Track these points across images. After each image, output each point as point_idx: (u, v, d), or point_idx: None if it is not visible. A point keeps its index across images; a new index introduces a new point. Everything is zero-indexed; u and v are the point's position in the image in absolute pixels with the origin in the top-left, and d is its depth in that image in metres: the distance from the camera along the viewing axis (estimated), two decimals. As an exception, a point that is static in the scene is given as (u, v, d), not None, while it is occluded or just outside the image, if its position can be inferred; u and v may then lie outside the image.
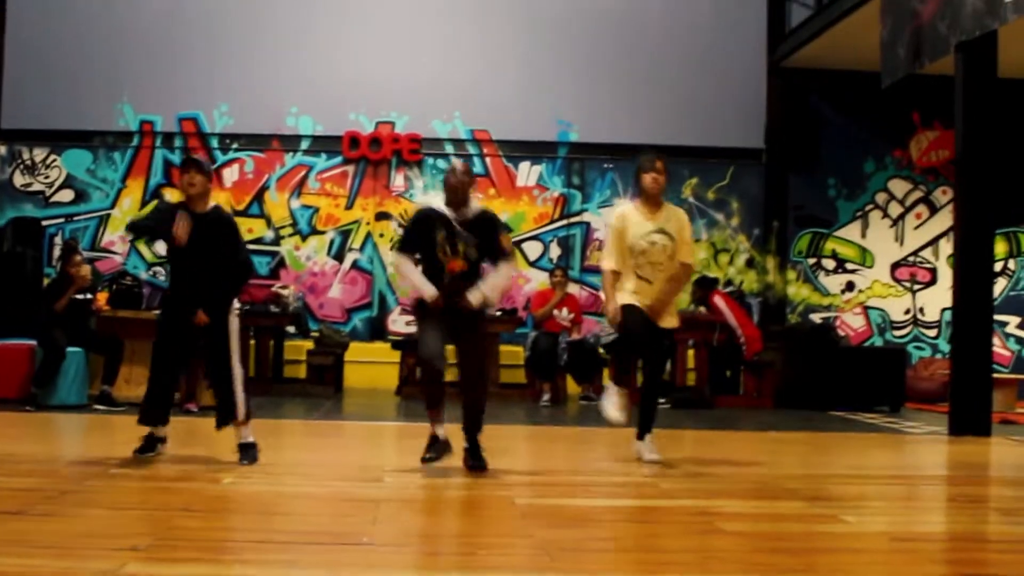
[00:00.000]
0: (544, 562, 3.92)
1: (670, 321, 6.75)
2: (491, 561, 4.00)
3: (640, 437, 6.74)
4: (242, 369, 6.37)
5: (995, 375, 12.66)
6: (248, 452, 6.21)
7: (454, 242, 6.06)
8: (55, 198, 13.63)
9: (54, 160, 13.67)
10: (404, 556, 4.03)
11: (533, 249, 13.92)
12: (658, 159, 6.71)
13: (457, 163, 6.29)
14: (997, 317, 14.26)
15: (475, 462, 6.10)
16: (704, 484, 5.98)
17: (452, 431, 6.18)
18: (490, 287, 6.19)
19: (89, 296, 10.03)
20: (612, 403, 6.91)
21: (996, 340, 14.32)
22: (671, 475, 6.35)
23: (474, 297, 6.08)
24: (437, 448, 6.08)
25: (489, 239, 6.19)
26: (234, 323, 6.35)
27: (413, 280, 6.15)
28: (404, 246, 6.31)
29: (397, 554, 4.06)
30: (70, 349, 9.50)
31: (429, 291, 6.05)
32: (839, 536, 4.61)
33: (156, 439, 6.29)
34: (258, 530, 4.45)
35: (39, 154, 13.66)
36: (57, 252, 12.91)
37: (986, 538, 4.92)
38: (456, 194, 6.12)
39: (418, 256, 6.20)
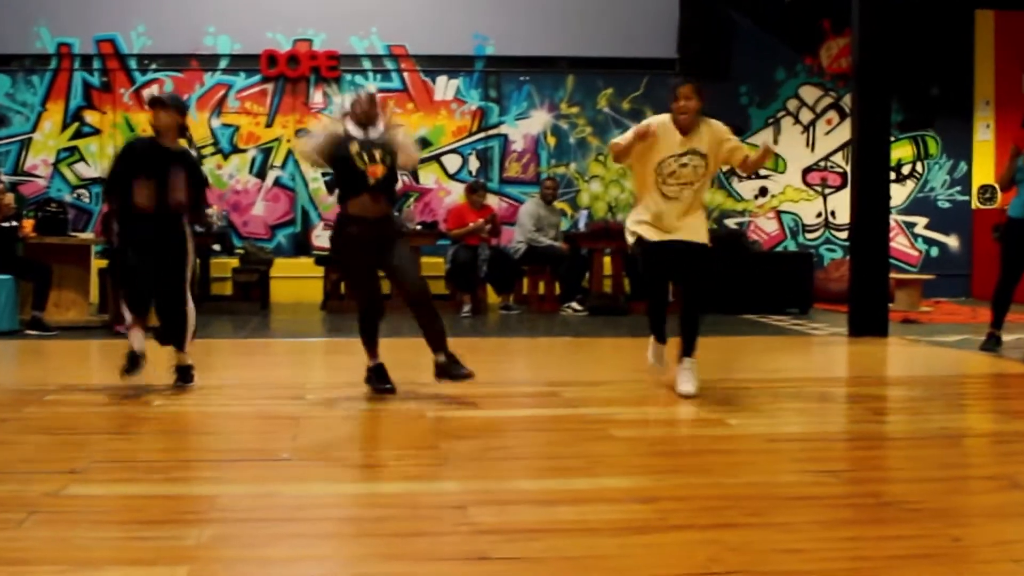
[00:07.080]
0: (444, 471, 4.37)
1: (700, 236, 6.21)
2: (396, 472, 4.43)
3: (679, 360, 6.27)
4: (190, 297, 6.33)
5: (901, 275, 13.30)
6: (186, 374, 6.35)
7: (370, 151, 5.95)
8: (-26, 123, 13.60)
9: (-29, 85, 13.62)
10: (319, 470, 4.42)
11: (452, 162, 14.18)
12: (684, 85, 6.27)
13: (362, 93, 6.14)
14: (905, 218, 14.94)
15: (458, 369, 5.92)
16: (605, 393, 6.38)
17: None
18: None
19: (14, 223, 10.18)
20: (651, 352, 6.62)
21: (904, 241, 14.96)
22: (577, 384, 6.78)
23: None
24: (378, 378, 6.17)
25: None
26: (191, 247, 6.32)
27: (318, 138, 6.02)
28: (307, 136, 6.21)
29: (312, 468, 4.45)
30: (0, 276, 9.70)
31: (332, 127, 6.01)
32: (718, 439, 5.07)
33: (138, 355, 6.05)
34: (186, 449, 4.83)
35: (-45, 79, 13.59)
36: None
37: (851, 437, 5.41)
38: (362, 119, 6.04)
39: (331, 176, 6.06)
